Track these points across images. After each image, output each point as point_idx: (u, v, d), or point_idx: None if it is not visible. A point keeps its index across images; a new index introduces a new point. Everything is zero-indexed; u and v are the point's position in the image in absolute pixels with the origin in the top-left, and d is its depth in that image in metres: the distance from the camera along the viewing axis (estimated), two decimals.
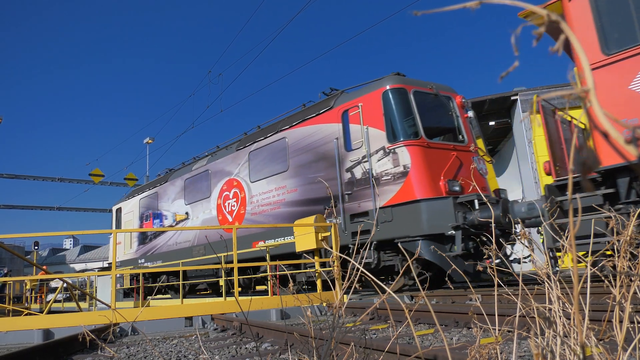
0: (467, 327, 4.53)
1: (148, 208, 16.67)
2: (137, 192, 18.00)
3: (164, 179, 16.29)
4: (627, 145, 0.37)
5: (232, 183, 12.58)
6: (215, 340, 4.86)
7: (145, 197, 17.00)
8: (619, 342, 1.35)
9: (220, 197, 12.93)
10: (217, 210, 12.97)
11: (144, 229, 17.13)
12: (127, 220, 18.11)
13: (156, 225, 15.82)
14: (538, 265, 1.71)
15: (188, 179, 14.49)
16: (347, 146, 9.52)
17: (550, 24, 0.44)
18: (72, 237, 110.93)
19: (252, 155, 12.10)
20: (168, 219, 15.23)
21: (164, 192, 15.75)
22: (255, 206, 11.64)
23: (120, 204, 19.13)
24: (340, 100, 10.02)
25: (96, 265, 50.31)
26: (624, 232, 1.58)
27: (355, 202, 9.11)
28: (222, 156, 13.24)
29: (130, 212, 17.89)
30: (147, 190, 17.15)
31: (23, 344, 5.64)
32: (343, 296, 1.93)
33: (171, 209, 15.10)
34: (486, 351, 1.59)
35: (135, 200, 17.72)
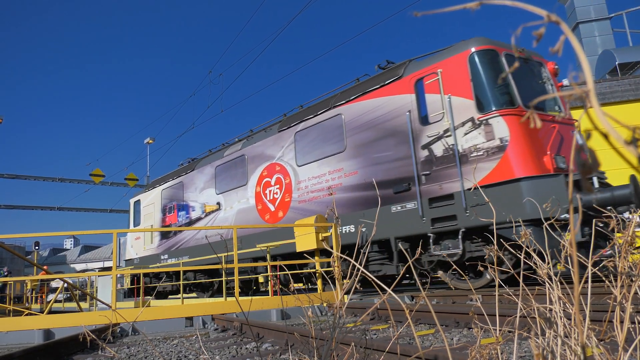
0: (468, 328, 4.53)
1: (172, 199, 15.33)
2: (159, 183, 16.53)
3: (189, 167, 14.82)
4: (627, 146, 0.37)
5: (273, 168, 11.31)
6: (216, 341, 4.86)
7: (169, 187, 15.60)
8: (620, 343, 1.35)
9: (259, 184, 11.66)
10: (255, 199, 11.68)
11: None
12: (147, 213, 16.77)
13: (181, 217, 14.54)
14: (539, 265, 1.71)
15: (219, 166, 13.12)
16: (422, 119, 8.30)
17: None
18: (73, 237, 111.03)
19: (298, 136, 10.78)
20: (196, 210, 13.89)
21: (191, 181, 14.38)
22: (304, 193, 10.40)
23: (139, 196, 17.81)
24: (412, 68, 8.81)
25: (97, 265, 50.32)
26: (625, 232, 1.58)
27: (435, 183, 7.90)
28: (260, 139, 11.96)
29: (151, 204, 16.55)
30: (170, 180, 15.67)
31: (24, 344, 5.64)
32: (344, 296, 1.93)
33: (199, 199, 13.77)
34: (487, 351, 1.58)
35: (157, 192, 16.31)
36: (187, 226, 13.92)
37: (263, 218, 11.42)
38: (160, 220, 15.85)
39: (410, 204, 8.22)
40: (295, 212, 10.50)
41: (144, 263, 16.24)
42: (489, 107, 7.49)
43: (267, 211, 11.33)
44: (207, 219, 13.36)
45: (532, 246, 1.75)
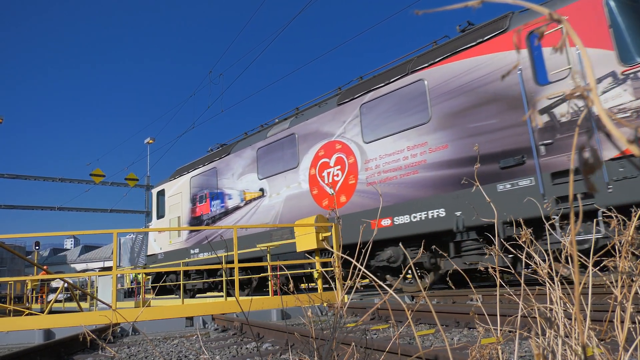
0: (468, 327, 4.53)
1: (203, 187, 13.82)
2: (187, 170, 14.98)
3: (224, 151, 13.39)
4: (629, 144, 0.37)
5: (332, 147, 9.90)
6: (216, 341, 4.86)
7: (199, 174, 14.07)
8: (620, 343, 1.35)
9: (313, 165, 10.24)
10: (309, 183, 10.27)
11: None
12: (173, 204, 15.28)
13: (215, 207, 13.13)
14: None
15: (262, 148, 11.73)
16: (539, 78, 7.05)
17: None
18: (73, 237, 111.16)
19: (365, 109, 9.36)
20: (233, 198, 12.47)
21: (226, 166, 12.92)
22: (374, 173, 8.99)
23: (162, 185, 16.27)
24: (520, 19, 7.55)
25: (97, 265, 50.33)
26: (626, 232, 1.58)
27: (561, 154, 6.65)
28: (314, 115, 10.56)
29: (178, 194, 15.03)
30: (200, 166, 14.16)
31: (24, 344, 5.65)
32: (344, 296, 1.93)
33: (237, 186, 12.37)
34: (487, 351, 1.58)
35: (185, 180, 14.77)
36: (223, 216, 12.74)
37: (320, 204, 9.96)
38: (189, 210, 14.31)
39: (525, 180, 6.93)
40: (363, 196, 9.10)
41: (170, 259, 14.67)
42: (638, 57, 6.24)
43: (324, 196, 9.87)
44: (247, 207, 11.95)
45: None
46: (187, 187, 14.56)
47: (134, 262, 32.90)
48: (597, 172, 0.42)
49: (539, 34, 0.45)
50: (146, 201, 32.44)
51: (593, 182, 0.42)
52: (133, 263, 32.66)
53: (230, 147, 13.19)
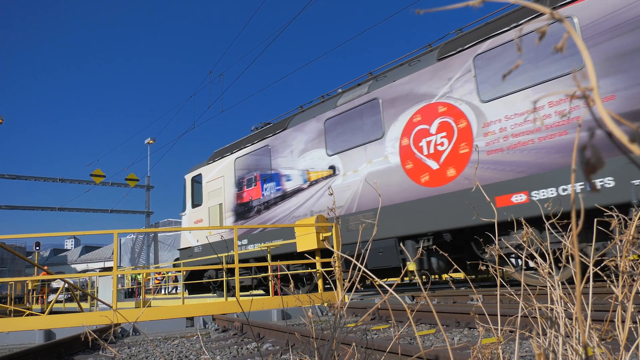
0: (469, 327, 4.52)
1: (252, 168, 12.15)
2: (230, 151, 13.25)
3: (279, 126, 11.68)
4: (631, 144, 0.37)
5: (433, 110, 8.21)
6: (217, 341, 4.86)
7: (247, 154, 12.41)
8: (621, 342, 1.34)
9: (406, 134, 8.55)
10: (400, 155, 8.61)
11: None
12: (213, 189, 13.59)
13: (269, 191, 11.49)
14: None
15: (331, 119, 10.12)
16: None
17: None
18: (74, 238, 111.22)
19: (481, 61, 7.68)
20: (293, 179, 10.84)
21: (283, 143, 11.25)
22: (498, 139, 7.30)
23: (198, 169, 14.49)
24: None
25: (98, 265, 50.35)
26: (626, 231, 1.58)
27: None
28: (403, 75, 8.94)
29: (219, 178, 13.33)
30: (248, 145, 12.50)
31: (25, 345, 5.65)
32: (344, 296, 1.93)
33: (298, 165, 10.72)
34: (488, 351, 1.58)
35: (228, 162, 13.07)
36: (280, 201, 11.05)
37: (417, 180, 8.31)
38: (234, 196, 12.59)
39: None
40: (483, 168, 7.46)
41: (209, 252, 12.99)
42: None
43: (423, 170, 8.20)
44: (312, 189, 10.32)
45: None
46: (231, 169, 12.81)
47: (134, 262, 32.92)
48: (597, 171, 0.42)
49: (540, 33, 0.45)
50: (147, 201, 32.45)
51: (593, 183, 0.42)
52: (133, 263, 32.68)
53: (287, 121, 11.43)
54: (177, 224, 35.76)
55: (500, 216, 6.95)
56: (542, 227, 6.46)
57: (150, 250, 32.89)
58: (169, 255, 32.76)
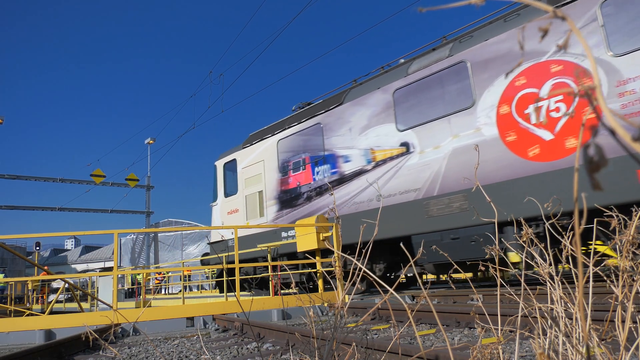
0: (469, 327, 4.52)
1: (299, 150, 10.79)
2: (270, 132, 11.90)
3: (333, 101, 10.37)
4: (634, 142, 0.37)
5: (543, 70, 6.99)
6: (217, 341, 4.86)
7: (293, 135, 11.03)
8: (621, 342, 1.34)
9: (506, 101, 7.28)
10: (498, 126, 7.34)
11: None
12: (250, 176, 12.16)
13: (322, 174, 10.09)
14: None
15: (402, 89, 8.79)
16: None
17: None
18: (74, 238, 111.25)
19: (610, 8, 6.52)
20: (352, 159, 9.52)
21: (338, 120, 9.91)
22: (638, 99, 6.20)
23: (232, 154, 13.02)
24: None
25: (98, 265, 50.36)
26: (626, 231, 1.58)
27: None
28: (498, 32, 7.65)
29: (258, 163, 11.95)
30: (293, 125, 11.13)
31: (25, 345, 5.65)
32: (345, 296, 1.93)
33: (359, 144, 9.40)
34: (488, 351, 1.58)
35: (269, 144, 11.69)
36: (337, 185, 9.71)
37: (522, 154, 7.07)
38: (277, 182, 11.25)
39: None
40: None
41: (246, 245, 11.40)
42: None
43: (531, 142, 6.99)
44: (379, 170, 8.98)
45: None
46: (273, 152, 11.47)
47: (134, 262, 32.93)
48: (601, 169, 0.42)
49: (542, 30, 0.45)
50: (147, 201, 32.46)
51: (597, 181, 0.42)
52: (134, 263, 32.69)
53: (343, 95, 10.17)
54: (177, 224, 35.76)
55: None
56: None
57: (151, 250, 32.90)
58: (169, 255, 32.76)
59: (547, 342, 1.47)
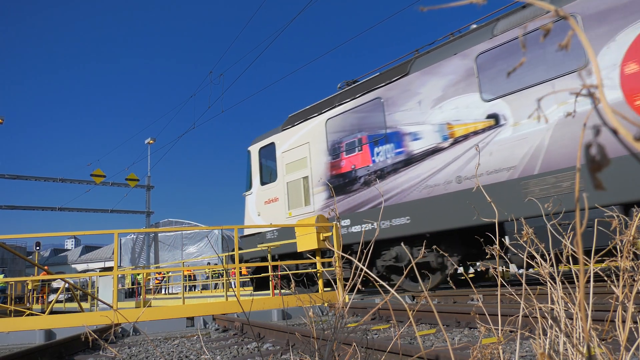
0: (469, 327, 4.52)
1: (353, 130, 9.65)
2: (316, 112, 10.68)
3: (394, 73, 9.18)
4: (636, 142, 0.37)
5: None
6: (217, 341, 4.86)
7: (344, 113, 9.87)
8: (622, 342, 1.34)
9: (634, 58, 6.29)
10: (622, 88, 6.33)
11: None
12: (292, 161, 10.98)
13: (383, 155, 8.92)
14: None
15: (487, 53, 7.64)
16: None
17: None
18: (74, 238, 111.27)
19: None
20: (423, 137, 8.34)
21: (404, 92, 8.74)
22: None
23: (269, 138, 11.80)
24: None
25: (98, 265, 50.38)
26: (627, 232, 1.58)
27: None
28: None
29: (303, 146, 10.74)
30: (344, 102, 9.99)
31: (25, 345, 5.65)
32: (345, 296, 1.93)
33: (432, 119, 8.23)
34: (488, 351, 1.58)
35: (315, 124, 10.51)
36: (403, 168, 8.56)
37: None
38: (326, 166, 10.08)
39: None
40: None
41: (288, 237, 10.02)
42: None
43: None
44: (459, 147, 7.82)
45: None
46: (321, 133, 10.31)
47: (134, 262, 32.93)
48: (603, 169, 0.42)
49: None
50: (147, 201, 32.46)
51: (598, 181, 0.42)
52: (134, 263, 32.69)
53: (409, 65, 8.96)
54: (177, 224, 35.76)
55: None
56: None
57: (151, 250, 32.90)
58: (169, 255, 32.76)
59: (547, 342, 1.47)
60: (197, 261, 26.37)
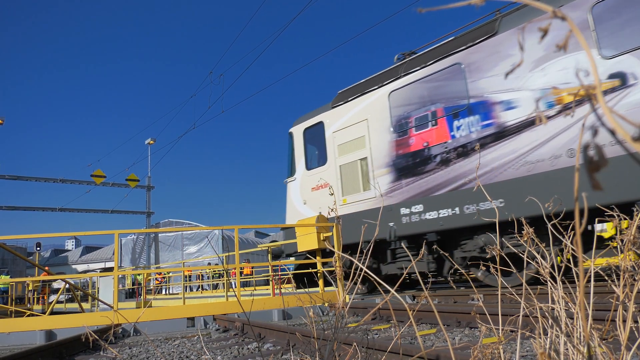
0: (470, 327, 4.52)
1: (424, 102, 8.51)
2: (374, 85, 9.56)
3: (478, 34, 7.95)
4: (635, 142, 0.37)
5: None
6: (217, 341, 4.86)
7: (413, 83, 8.72)
8: (623, 342, 1.34)
9: None
10: None
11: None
12: (348, 141, 9.85)
13: (468, 129, 7.78)
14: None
15: (604, 1, 6.60)
16: None
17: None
18: (74, 238, 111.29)
19: None
20: (520, 105, 7.17)
21: (493, 56, 7.57)
22: None
23: (316, 117, 10.68)
24: None
25: (98, 266, 50.41)
26: (628, 231, 1.58)
27: None
28: None
29: (360, 123, 9.60)
30: (411, 71, 8.84)
31: (26, 345, 5.65)
32: (345, 296, 1.93)
33: (530, 84, 7.06)
34: (489, 351, 1.58)
35: (375, 98, 9.37)
36: (492, 142, 7.40)
37: None
38: (390, 144, 8.94)
39: None
40: None
41: (343, 230, 9.27)
42: None
43: None
44: (568, 117, 6.71)
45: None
46: (383, 108, 9.19)
47: (135, 262, 32.95)
48: (601, 169, 0.42)
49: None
50: (147, 202, 32.47)
51: (597, 182, 0.42)
52: (134, 264, 32.71)
53: (496, 23, 7.79)
54: (177, 224, 35.76)
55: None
56: None
57: (151, 250, 32.90)
58: (170, 255, 32.77)
59: (548, 342, 1.47)
60: (198, 261, 26.36)
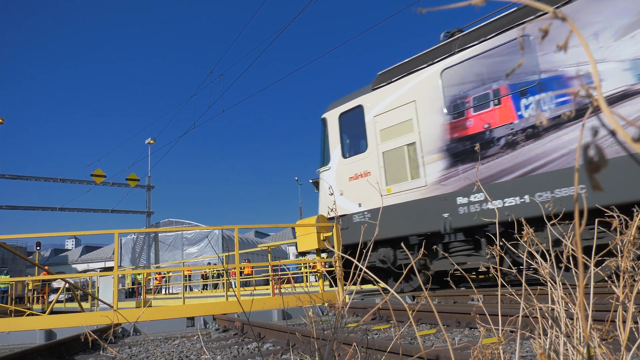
0: (469, 327, 4.52)
1: (486, 79, 7.65)
2: (423, 63, 8.68)
3: (550, 1, 6.94)
4: (634, 142, 0.37)
5: None
6: (217, 341, 4.86)
7: (471, 59, 7.85)
8: (622, 342, 1.34)
9: None
10: None
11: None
12: (392, 125, 8.97)
13: (541, 108, 7.04)
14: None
15: None
16: None
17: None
18: (74, 238, 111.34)
19: None
20: (605, 79, 6.33)
21: (595, 14, 6.50)
22: None
23: (354, 100, 9.82)
24: None
25: (98, 265, 50.42)
26: (628, 231, 1.58)
27: None
28: None
29: (407, 105, 8.71)
30: (468, 46, 7.96)
31: (26, 344, 5.65)
32: (345, 296, 1.92)
33: (618, 54, 6.31)
34: (489, 351, 1.58)
35: (424, 77, 8.53)
36: (567, 122, 6.54)
37: None
38: (443, 127, 8.10)
39: None
40: None
41: (385, 222, 8.47)
42: None
43: None
44: None
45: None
46: (434, 88, 8.33)
47: (135, 262, 32.96)
48: (601, 169, 0.42)
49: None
50: (147, 201, 32.47)
51: (596, 182, 0.42)
52: (134, 263, 32.72)
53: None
54: (177, 224, 35.77)
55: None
56: None
57: (151, 250, 32.91)
58: (170, 255, 32.78)
59: (547, 342, 1.47)
60: (198, 261, 26.36)
